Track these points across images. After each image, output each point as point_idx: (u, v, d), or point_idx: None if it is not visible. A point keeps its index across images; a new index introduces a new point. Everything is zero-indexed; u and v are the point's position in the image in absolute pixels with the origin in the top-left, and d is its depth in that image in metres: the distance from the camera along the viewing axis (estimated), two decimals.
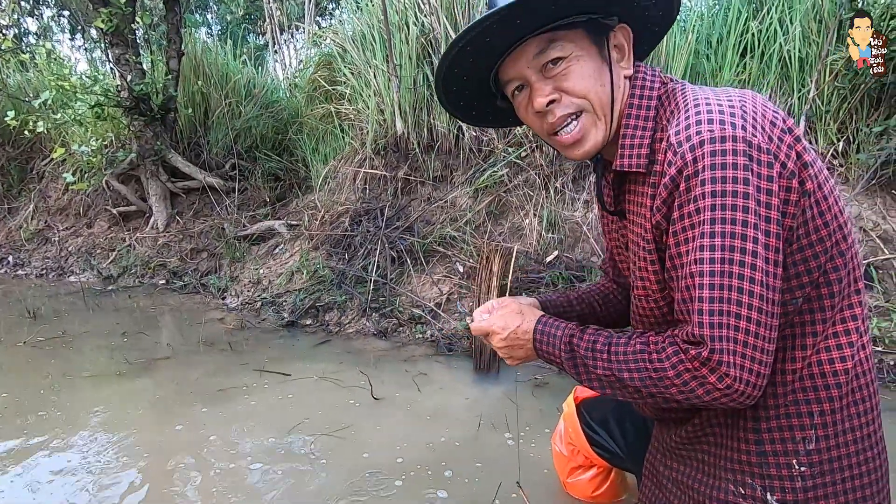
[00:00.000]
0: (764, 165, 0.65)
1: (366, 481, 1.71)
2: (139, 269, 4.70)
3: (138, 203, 5.26)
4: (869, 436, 0.73)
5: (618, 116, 0.80)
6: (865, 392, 0.73)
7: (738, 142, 0.64)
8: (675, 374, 0.68)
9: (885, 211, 2.80)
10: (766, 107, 0.71)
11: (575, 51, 0.76)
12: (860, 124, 2.93)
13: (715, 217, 0.64)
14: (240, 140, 5.30)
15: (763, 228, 0.64)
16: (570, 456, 1.38)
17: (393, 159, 3.89)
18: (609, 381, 0.76)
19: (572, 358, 0.80)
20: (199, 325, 3.42)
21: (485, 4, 0.70)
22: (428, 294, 3.24)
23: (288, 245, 4.20)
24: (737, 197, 0.63)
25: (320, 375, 2.55)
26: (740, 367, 0.64)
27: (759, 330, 0.64)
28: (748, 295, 0.64)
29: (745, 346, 0.64)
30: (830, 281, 0.71)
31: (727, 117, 0.66)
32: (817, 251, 0.69)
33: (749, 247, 0.63)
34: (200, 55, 5.37)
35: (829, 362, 0.71)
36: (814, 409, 0.72)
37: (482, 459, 1.82)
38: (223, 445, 1.96)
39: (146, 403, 2.32)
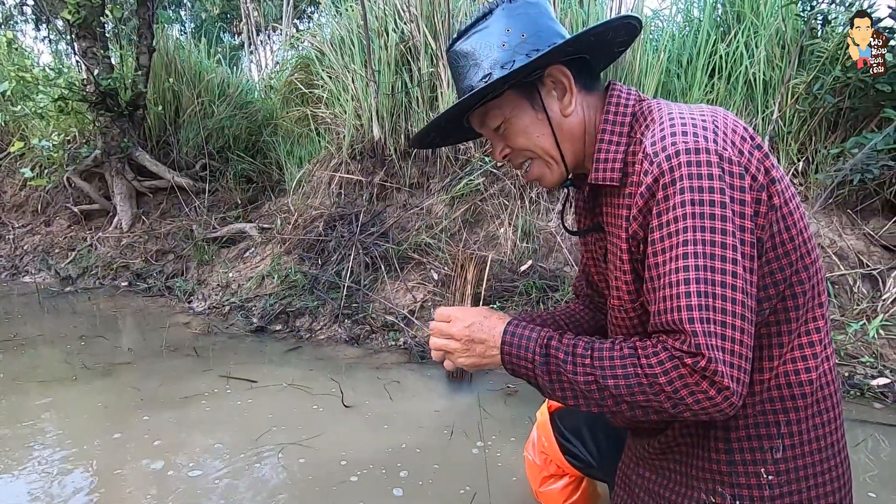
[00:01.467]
0: (736, 177, 0.66)
1: (334, 491, 1.68)
2: (100, 270, 4.52)
3: (101, 201, 5.07)
4: (832, 444, 0.76)
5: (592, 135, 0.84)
6: (829, 402, 0.75)
7: (712, 154, 0.66)
8: (667, 380, 0.66)
9: (841, 229, 2.94)
10: (736, 123, 0.73)
11: (507, 113, 0.84)
12: (819, 146, 3.08)
13: (695, 225, 0.65)
14: (212, 140, 5.19)
15: (739, 237, 0.65)
16: (543, 465, 1.37)
17: (369, 165, 3.87)
18: (588, 390, 0.72)
19: (546, 363, 0.74)
20: (162, 329, 3.31)
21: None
22: (402, 301, 3.22)
23: (259, 248, 4.11)
24: (714, 206, 0.65)
25: (290, 382, 2.49)
26: (731, 377, 0.63)
27: (742, 337, 0.64)
28: (731, 302, 0.64)
29: (732, 354, 0.64)
30: (795, 294, 0.73)
31: (700, 130, 0.69)
32: (783, 264, 0.71)
33: (729, 254, 0.64)
34: (173, 52, 5.25)
35: (795, 373, 0.73)
36: (780, 420, 0.74)
37: (452, 468, 1.81)
38: (185, 455, 1.89)
39: (103, 410, 2.22)
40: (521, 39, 0.80)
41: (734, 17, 3.47)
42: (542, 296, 2.99)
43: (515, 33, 0.80)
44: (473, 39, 0.83)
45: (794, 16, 3.13)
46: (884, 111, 2.70)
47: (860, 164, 2.74)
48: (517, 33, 0.80)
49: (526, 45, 0.80)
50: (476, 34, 0.83)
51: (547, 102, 0.82)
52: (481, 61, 0.81)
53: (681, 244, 0.65)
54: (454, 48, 0.85)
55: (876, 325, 2.48)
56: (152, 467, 1.80)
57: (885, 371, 2.39)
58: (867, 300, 2.65)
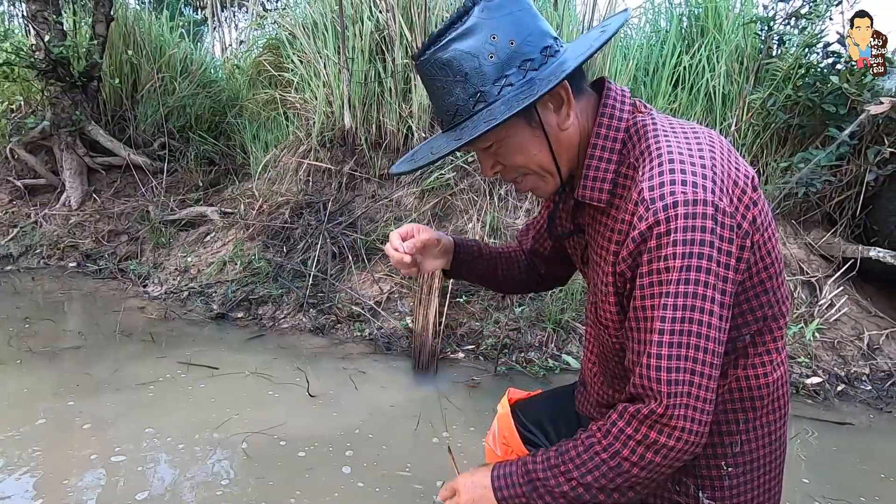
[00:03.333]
0: (727, 229, 0.68)
1: (298, 481, 1.68)
2: (45, 249, 4.27)
3: (48, 176, 4.77)
4: (779, 438, 0.83)
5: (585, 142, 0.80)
6: (782, 402, 0.82)
7: (708, 205, 0.67)
8: (629, 450, 0.69)
9: (786, 238, 3.15)
10: (730, 160, 0.73)
11: (500, 134, 0.77)
12: (770, 159, 3.27)
13: (681, 278, 0.67)
14: (172, 118, 4.97)
15: (720, 289, 0.68)
16: (504, 455, 1.38)
17: (339, 153, 3.83)
18: (578, 494, 0.73)
19: (534, 490, 0.76)
20: (115, 313, 3.17)
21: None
22: (368, 292, 3.21)
23: (220, 233, 3.99)
24: (702, 259, 0.67)
25: (252, 371, 2.46)
26: (692, 420, 0.67)
27: (709, 384, 0.68)
28: (703, 352, 0.67)
29: (696, 399, 0.67)
30: (766, 316, 0.77)
31: (699, 179, 0.68)
32: (759, 292, 0.75)
33: (707, 307, 0.67)
34: (132, 23, 4.98)
35: (755, 378, 0.78)
36: (740, 418, 0.80)
37: (417, 455, 1.84)
38: (140, 442, 1.84)
39: (50, 395, 2.12)
40: (510, 48, 0.72)
41: (698, 30, 3.63)
42: None
43: (502, 40, 0.72)
44: (453, 48, 0.72)
45: (753, 34, 3.30)
46: (828, 130, 2.90)
47: (805, 178, 2.93)
48: (504, 40, 0.72)
49: (517, 54, 0.73)
50: (455, 41, 0.72)
51: (544, 118, 0.76)
52: (468, 76, 0.73)
53: (664, 295, 0.68)
54: (428, 57, 0.74)
55: (812, 329, 2.68)
56: (93, 457, 1.74)
57: (819, 371, 2.59)
58: (805, 305, 2.85)
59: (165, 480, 1.67)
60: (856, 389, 2.52)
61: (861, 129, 2.86)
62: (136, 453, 1.78)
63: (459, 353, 2.78)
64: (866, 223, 3.08)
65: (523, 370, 2.61)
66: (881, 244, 2.88)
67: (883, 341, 2.71)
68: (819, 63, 3.04)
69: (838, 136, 2.80)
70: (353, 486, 1.67)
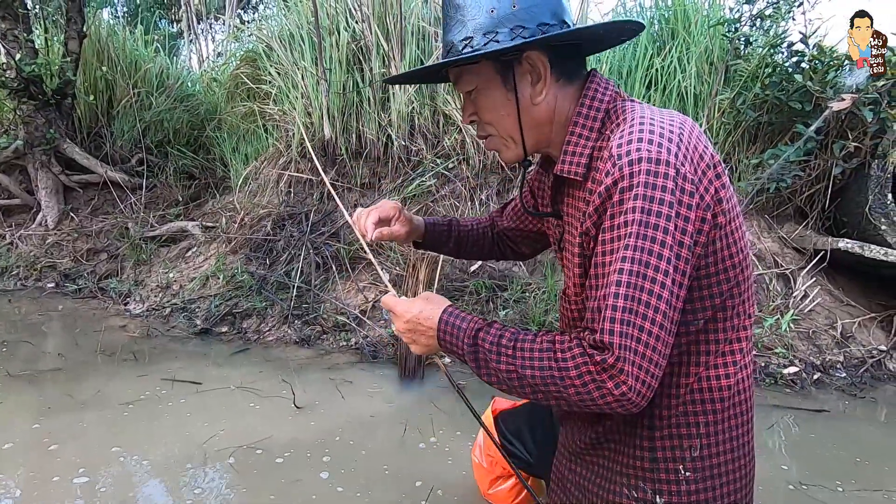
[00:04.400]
0: (686, 193, 0.69)
1: (290, 493, 1.67)
2: (22, 270, 4.20)
3: (23, 196, 4.69)
4: (743, 445, 0.81)
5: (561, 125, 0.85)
6: (744, 407, 0.81)
7: (670, 167, 0.69)
8: (577, 374, 0.70)
9: (760, 233, 3.23)
10: (699, 139, 0.76)
11: (479, 84, 0.84)
12: (741, 156, 3.36)
13: (638, 232, 0.68)
14: (149, 133, 4.93)
15: (676, 251, 0.69)
16: (490, 467, 1.42)
17: (320, 163, 3.83)
18: (509, 378, 0.76)
19: (475, 352, 0.79)
20: (96, 332, 3.13)
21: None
22: (353, 301, 3.22)
23: (202, 248, 3.96)
24: (660, 217, 0.68)
25: (238, 385, 2.44)
26: (635, 377, 0.67)
27: (657, 345, 0.68)
28: (653, 310, 0.67)
29: (643, 357, 0.67)
30: (726, 307, 0.77)
31: (665, 141, 0.70)
32: (721, 279, 0.75)
33: (662, 266, 0.68)
34: (106, 38, 4.94)
35: (717, 379, 0.78)
36: (700, 421, 0.79)
37: (405, 463, 1.85)
38: (127, 461, 1.82)
39: (32, 418, 2.08)
40: (510, 10, 0.77)
41: (669, 33, 3.72)
42: (491, 295, 3.09)
43: (507, 1, 0.78)
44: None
45: (721, 36, 3.40)
46: (796, 126, 2.99)
47: (776, 173, 3.02)
48: (509, 2, 0.78)
49: (514, 17, 0.77)
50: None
51: (519, 85, 0.81)
52: (467, 21, 0.80)
53: (622, 248, 0.69)
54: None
55: (787, 320, 2.75)
56: (76, 481, 1.72)
57: (795, 360, 2.66)
58: (781, 297, 2.93)
59: (153, 500, 1.65)
60: (831, 377, 2.59)
61: (826, 124, 2.96)
62: (118, 473, 1.76)
63: (446, 358, 2.79)
64: (836, 216, 3.18)
65: None
66: (850, 235, 2.97)
67: (855, 329, 2.79)
68: (784, 62, 3.14)
69: (805, 133, 2.89)
70: (340, 495, 1.67)
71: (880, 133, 2.86)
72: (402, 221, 1.13)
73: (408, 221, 1.15)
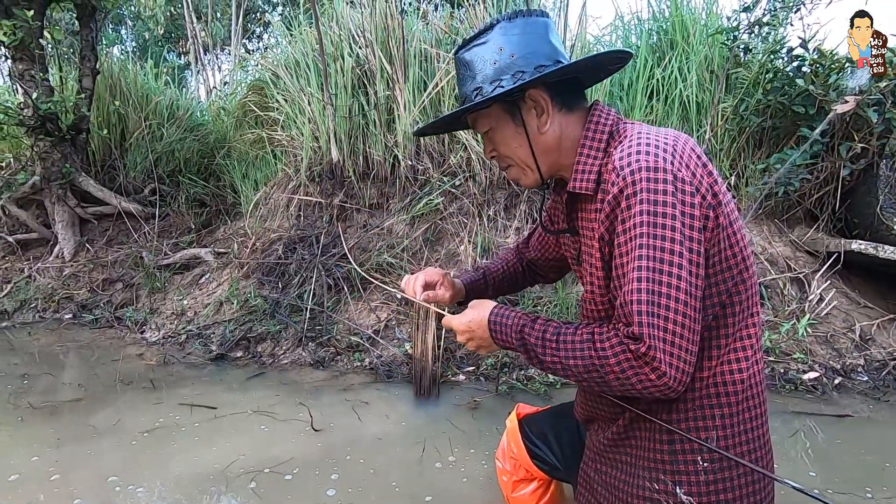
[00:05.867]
0: (687, 195, 0.77)
1: None
2: (41, 302, 4.27)
3: (40, 230, 4.80)
4: (759, 437, 0.86)
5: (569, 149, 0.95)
6: (757, 400, 0.86)
7: (668, 173, 0.77)
8: (616, 362, 0.77)
9: (771, 237, 3.22)
10: (693, 150, 0.84)
11: (493, 124, 0.96)
12: (747, 161, 3.36)
13: (649, 232, 0.76)
14: (161, 164, 5.04)
15: (687, 245, 0.76)
16: (513, 470, 1.44)
17: (328, 186, 3.89)
18: (555, 368, 0.86)
19: (524, 346, 0.90)
20: (114, 362, 3.16)
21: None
22: (366, 321, 3.23)
23: (215, 274, 4.02)
24: (666, 217, 0.75)
25: (255, 409, 2.45)
26: (668, 363, 0.74)
27: (683, 332, 0.75)
28: (674, 301, 0.74)
29: (672, 345, 0.74)
30: (733, 303, 0.83)
31: (660, 152, 0.79)
32: (725, 277, 0.82)
33: (675, 260, 0.75)
34: (118, 74, 5.09)
35: (730, 373, 0.84)
36: (716, 413, 0.84)
37: (425, 484, 1.84)
38: (154, 490, 1.83)
39: (58, 450, 2.11)
40: (510, 60, 0.90)
41: (668, 44, 3.77)
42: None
43: (506, 53, 0.90)
44: (473, 52, 0.93)
45: (720, 44, 3.43)
46: (800, 130, 3.00)
47: (783, 177, 3.02)
48: (508, 53, 0.90)
49: (514, 65, 0.89)
50: (476, 47, 0.93)
51: (526, 119, 0.93)
52: (475, 74, 0.93)
53: (637, 247, 0.76)
54: (458, 55, 0.96)
55: (804, 324, 2.72)
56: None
57: (815, 366, 2.62)
58: (796, 301, 2.90)
59: None
60: (852, 381, 2.55)
61: (831, 127, 2.96)
62: (146, 501, 1.77)
63: (460, 376, 2.79)
64: (847, 217, 3.16)
65: (524, 388, 2.62)
66: (862, 236, 2.95)
67: (875, 331, 2.75)
68: (785, 67, 3.16)
69: (810, 136, 2.90)
70: None
71: (886, 133, 2.86)
72: (446, 286, 1.25)
73: (451, 286, 1.26)
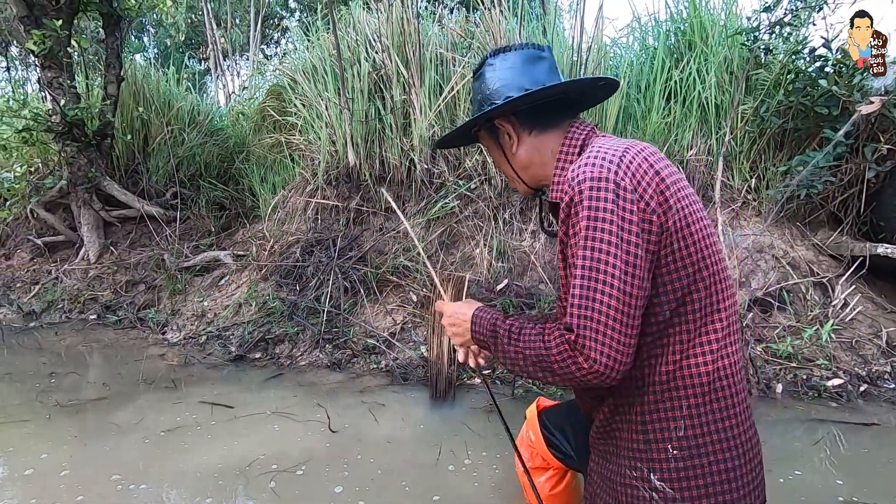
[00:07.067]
0: (628, 202, 0.84)
1: None
2: (67, 303, 4.39)
3: (67, 233, 4.93)
4: (730, 428, 0.89)
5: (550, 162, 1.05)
6: (726, 392, 0.89)
7: (609, 182, 0.85)
8: (558, 352, 0.86)
9: (793, 240, 3.15)
10: (646, 159, 0.90)
11: (485, 144, 1.14)
12: (768, 164, 3.31)
13: (588, 236, 0.85)
14: (182, 168, 5.15)
15: (623, 248, 0.83)
16: (530, 458, 1.51)
17: (345, 190, 3.93)
18: (515, 359, 0.95)
19: (494, 338, 0.99)
20: (137, 362, 3.24)
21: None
22: (382, 324, 3.25)
23: (234, 276, 4.08)
24: (605, 222, 0.84)
25: (273, 410, 2.49)
26: (599, 351, 0.82)
27: (615, 325, 0.82)
28: (607, 296, 0.82)
29: (601, 334, 0.82)
30: (692, 300, 0.89)
31: (606, 163, 0.87)
32: (680, 274, 0.88)
33: (610, 260, 0.83)
34: (141, 80, 5.21)
35: (695, 366, 0.89)
36: (683, 404, 0.89)
37: (439, 485, 1.85)
38: (178, 491, 1.87)
39: (83, 447, 2.16)
40: (487, 92, 1.05)
41: (686, 45, 3.73)
42: (518, 312, 3.08)
43: (487, 86, 1.06)
44: (473, 85, 1.11)
45: (740, 45, 3.38)
46: (823, 131, 2.94)
47: (805, 180, 2.96)
48: (488, 86, 1.05)
49: (489, 97, 1.05)
50: (475, 80, 1.10)
51: (501, 142, 1.08)
52: (472, 103, 1.12)
53: (580, 249, 0.86)
54: (471, 83, 1.13)
55: (828, 330, 2.66)
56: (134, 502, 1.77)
57: (839, 372, 2.56)
58: (819, 307, 2.84)
59: None
60: (879, 389, 2.48)
61: (856, 128, 2.90)
62: (117, 500, 1.81)
63: (475, 379, 2.79)
64: (872, 220, 3.09)
65: (540, 391, 2.61)
66: (889, 240, 2.88)
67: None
68: (807, 68, 3.11)
69: (834, 137, 2.84)
70: None
71: None
72: None
73: None
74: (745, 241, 3.14)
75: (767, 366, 2.63)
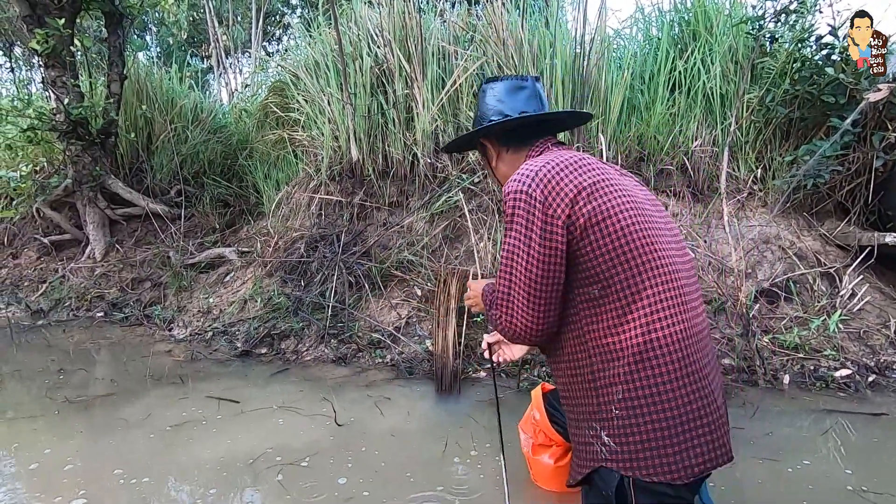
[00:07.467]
0: (538, 211, 1.04)
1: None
2: (74, 301, 4.41)
3: (73, 231, 4.96)
4: (667, 392, 1.00)
5: None
6: (660, 360, 1.01)
7: (524, 193, 1.05)
8: (497, 309, 1.14)
9: (799, 231, 3.13)
10: (567, 169, 1.06)
11: (481, 155, 1.37)
12: (774, 154, 3.28)
13: (506, 234, 1.09)
14: (186, 165, 5.16)
15: (526, 244, 1.05)
16: (534, 435, 1.68)
17: (348, 185, 3.93)
18: (489, 316, 1.20)
19: (491, 297, 1.20)
20: (144, 358, 3.26)
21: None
22: (387, 318, 3.26)
23: (239, 272, 4.10)
24: (518, 227, 1.06)
25: (279, 405, 2.50)
26: (512, 320, 1.10)
27: (522, 302, 1.07)
28: (515, 283, 1.08)
29: (513, 309, 1.09)
30: (616, 281, 1.03)
31: (525, 178, 1.07)
32: (601, 261, 1.03)
33: (522, 255, 1.06)
34: (144, 79, 5.22)
35: (626, 340, 1.02)
36: (619, 371, 1.03)
37: (443, 477, 1.85)
38: (184, 483, 1.88)
39: (92, 443, 2.18)
40: (479, 114, 1.30)
41: (690, 35, 3.69)
42: None
43: (479, 108, 1.30)
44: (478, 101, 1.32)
45: (745, 34, 3.35)
46: (830, 120, 2.91)
47: (812, 169, 2.93)
48: (479, 109, 1.30)
49: (481, 118, 1.29)
50: (478, 98, 1.32)
51: (489, 156, 1.33)
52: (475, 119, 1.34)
53: (503, 245, 1.10)
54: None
55: (835, 320, 2.64)
56: (74, 502, 1.79)
57: (847, 363, 2.55)
58: (826, 297, 2.82)
59: None
60: (888, 379, 2.46)
61: (863, 116, 2.87)
62: (118, 495, 1.82)
63: (481, 372, 2.79)
64: (880, 209, 3.06)
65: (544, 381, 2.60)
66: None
67: None
68: (814, 56, 3.07)
69: (841, 126, 2.81)
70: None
71: None
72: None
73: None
74: (751, 232, 3.12)
75: (774, 357, 2.62)
